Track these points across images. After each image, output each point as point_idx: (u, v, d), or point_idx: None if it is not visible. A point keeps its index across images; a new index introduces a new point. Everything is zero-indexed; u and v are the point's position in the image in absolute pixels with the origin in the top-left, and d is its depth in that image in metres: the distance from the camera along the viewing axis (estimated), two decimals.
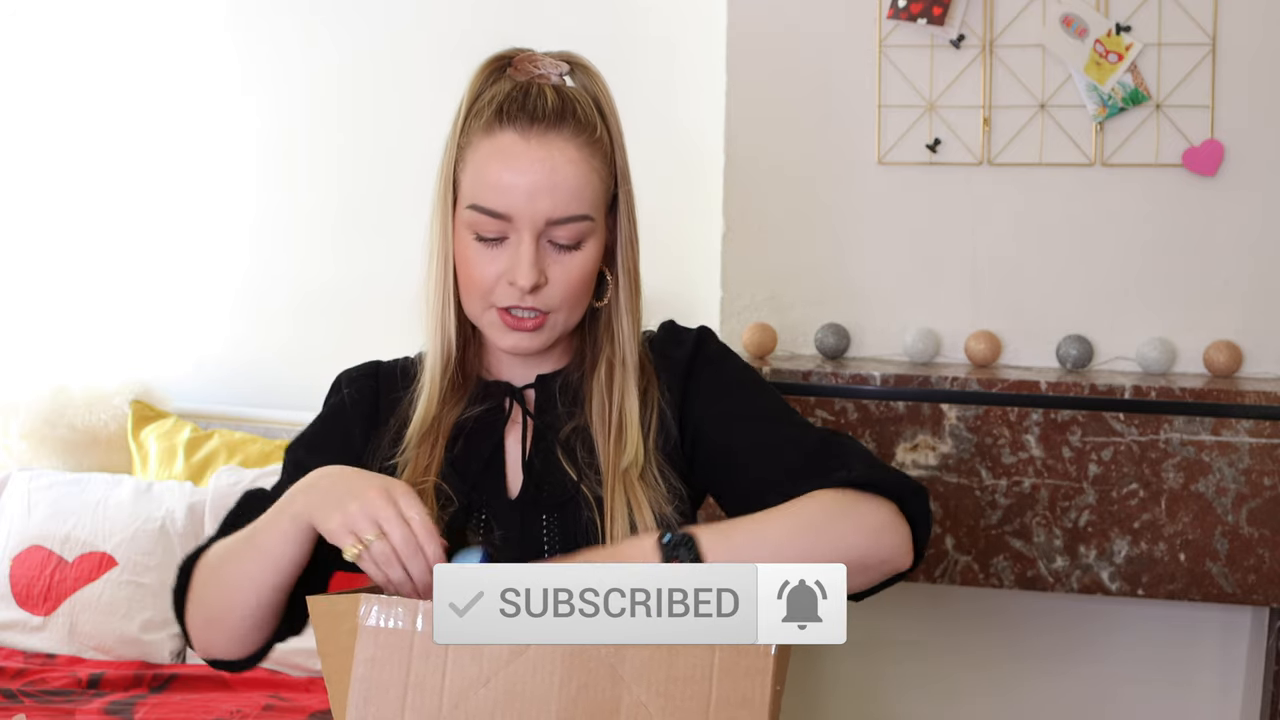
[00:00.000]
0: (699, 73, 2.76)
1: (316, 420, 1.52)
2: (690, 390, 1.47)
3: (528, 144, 1.36)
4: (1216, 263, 2.51)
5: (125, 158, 3.20)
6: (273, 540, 1.30)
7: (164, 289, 3.20)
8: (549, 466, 1.43)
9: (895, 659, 2.82)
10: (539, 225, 1.36)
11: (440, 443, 1.44)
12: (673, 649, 1.16)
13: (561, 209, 1.35)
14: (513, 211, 1.36)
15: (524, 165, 1.35)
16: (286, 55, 3.09)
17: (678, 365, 1.48)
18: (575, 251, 1.38)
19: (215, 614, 1.36)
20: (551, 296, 1.38)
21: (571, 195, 1.36)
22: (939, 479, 2.41)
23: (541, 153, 1.35)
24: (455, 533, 1.40)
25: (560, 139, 1.36)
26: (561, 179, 1.35)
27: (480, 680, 1.14)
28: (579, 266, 1.39)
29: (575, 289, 1.40)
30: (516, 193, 1.35)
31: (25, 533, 2.77)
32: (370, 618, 1.15)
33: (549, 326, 1.40)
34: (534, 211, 1.35)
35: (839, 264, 2.65)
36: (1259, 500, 2.31)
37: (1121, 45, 2.49)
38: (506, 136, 1.36)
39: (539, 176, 1.35)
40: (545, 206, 1.35)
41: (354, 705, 1.14)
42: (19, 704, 2.43)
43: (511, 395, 1.48)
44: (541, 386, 1.48)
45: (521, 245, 1.36)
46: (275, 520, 1.30)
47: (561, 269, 1.38)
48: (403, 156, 3.03)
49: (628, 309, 1.45)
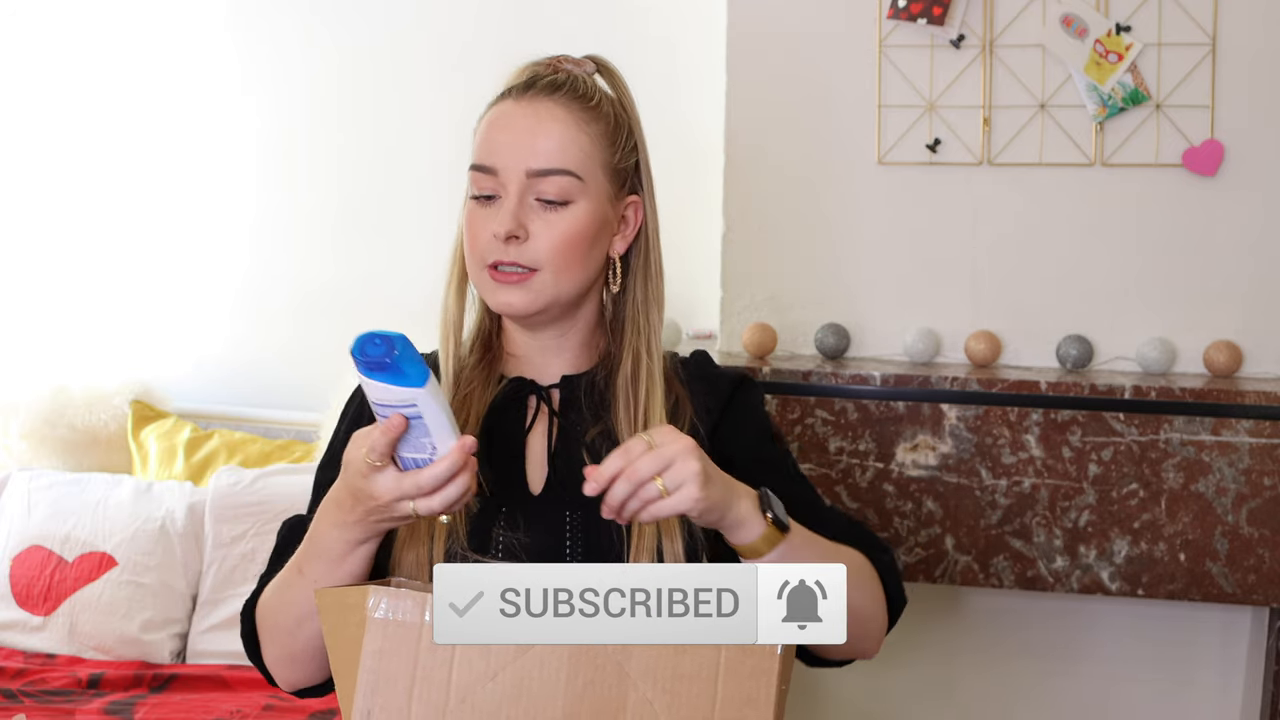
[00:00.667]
0: (699, 73, 2.77)
1: (336, 435, 1.52)
2: (729, 420, 1.50)
3: (518, 105, 1.43)
4: (1216, 263, 2.52)
5: (125, 158, 3.19)
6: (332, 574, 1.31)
7: (164, 289, 3.20)
8: (572, 465, 1.43)
9: (895, 659, 2.82)
10: (521, 177, 1.40)
11: (469, 429, 1.44)
12: (680, 647, 1.16)
13: (542, 160, 1.40)
14: (498, 164, 1.41)
15: (511, 122, 1.42)
16: (286, 55, 3.10)
17: (718, 389, 1.51)
18: (561, 209, 1.41)
19: (288, 649, 1.38)
20: (536, 251, 1.40)
21: (554, 149, 1.40)
22: (939, 479, 2.42)
23: (528, 110, 1.42)
24: (481, 527, 1.40)
25: (550, 101, 1.42)
26: (544, 132, 1.41)
27: (487, 675, 1.14)
28: (565, 225, 1.41)
29: (561, 247, 1.41)
30: (501, 146, 1.41)
31: (25, 533, 2.77)
32: (379, 610, 1.15)
33: (535, 286, 1.41)
34: (516, 162, 1.40)
35: (839, 264, 2.65)
36: (1259, 500, 2.31)
37: (1121, 45, 2.49)
38: (504, 104, 1.44)
39: (522, 131, 1.41)
40: (525, 156, 1.40)
41: (361, 697, 1.14)
42: (19, 704, 2.42)
43: (537, 394, 1.49)
44: (567, 386, 1.49)
45: (506, 199, 1.40)
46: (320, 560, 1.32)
47: (545, 224, 1.40)
48: (403, 156, 3.03)
49: (654, 299, 1.48)
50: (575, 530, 1.42)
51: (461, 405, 1.46)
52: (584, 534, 1.42)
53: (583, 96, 1.44)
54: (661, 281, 1.50)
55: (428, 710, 1.14)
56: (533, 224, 1.40)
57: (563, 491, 1.43)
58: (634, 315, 1.47)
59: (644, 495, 1.22)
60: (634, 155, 1.48)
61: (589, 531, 1.41)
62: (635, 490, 1.22)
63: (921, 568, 2.44)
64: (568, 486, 1.42)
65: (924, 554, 2.44)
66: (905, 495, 2.43)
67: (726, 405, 1.51)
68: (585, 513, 1.41)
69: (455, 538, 1.39)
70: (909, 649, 2.80)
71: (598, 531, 1.41)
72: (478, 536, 1.40)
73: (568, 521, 1.43)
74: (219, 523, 2.74)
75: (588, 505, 1.39)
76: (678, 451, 1.23)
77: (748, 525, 1.29)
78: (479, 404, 1.47)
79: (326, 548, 1.30)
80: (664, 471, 1.22)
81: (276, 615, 1.39)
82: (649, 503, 1.22)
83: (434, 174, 2.99)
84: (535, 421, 1.48)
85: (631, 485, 1.22)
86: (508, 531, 1.41)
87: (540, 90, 1.43)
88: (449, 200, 1.59)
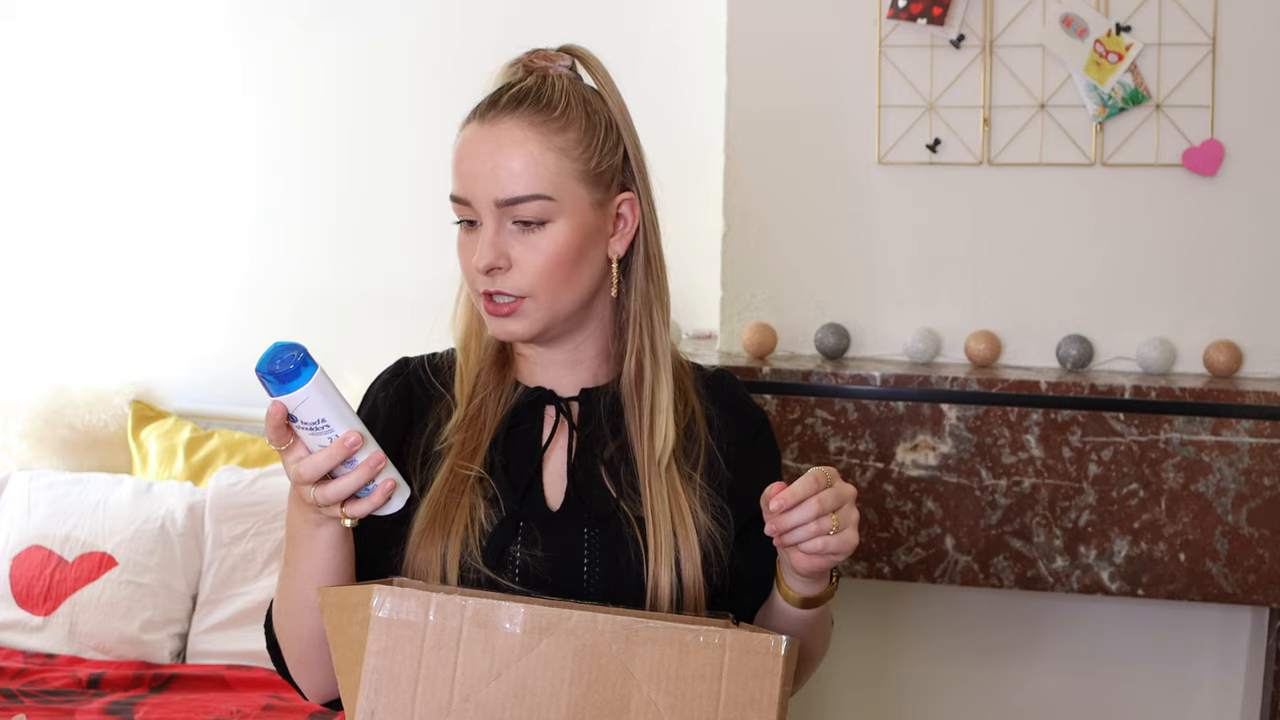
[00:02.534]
0: (699, 73, 2.77)
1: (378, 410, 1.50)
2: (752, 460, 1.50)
3: (480, 130, 1.39)
4: (1216, 263, 2.52)
5: (125, 157, 3.19)
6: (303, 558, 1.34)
7: (164, 289, 3.20)
8: (591, 481, 1.42)
9: (896, 659, 2.82)
10: (492, 207, 1.37)
11: (486, 434, 1.43)
12: (683, 648, 1.16)
13: (507, 190, 1.36)
14: (468, 195, 1.38)
15: (473, 150, 1.39)
16: (286, 55, 3.10)
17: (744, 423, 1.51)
18: (539, 230, 1.37)
19: (295, 650, 1.40)
20: (519, 279, 1.37)
21: (516, 176, 1.36)
22: (939, 479, 2.42)
23: (489, 136, 1.38)
24: (499, 544, 1.38)
25: (511, 121, 1.38)
26: (504, 160, 1.36)
27: (491, 674, 1.14)
28: (545, 246, 1.37)
29: (545, 269, 1.37)
30: (468, 177, 1.38)
31: (25, 533, 2.77)
32: (383, 609, 1.15)
33: (526, 312, 1.39)
34: (484, 193, 1.37)
35: (839, 264, 2.65)
36: (1259, 500, 2.31)
37: (1121, 45, 2.49)
38: (469, 129, 1.40)
39: (483, 161, 1.37)
40: (491, 188, 1.37)
41: (365, 696, 1.14)
42: (19, 704, 2.42)
43: (556, 406, 1.46)
44: (586, 400, 1.46)
45: (484, 229, 1.38)
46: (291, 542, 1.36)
47: (526, 249, 1.37)
48: (402, 157, 3.03)
49: (655, 294, 1.46)
50: (594, 548, 1.40)
51: (478, 411, 1.45)
52: (602, 552, 1.40)
53: (546, 106, 1.39)
54: (664, 276, 1.47)
55: (431, 709, 1.14)
56: (513, 250, 1.37)
57: (582, 508, 1.41)
58: (636, 314, 1.45)
59: (822, 527, 1.26)
60: (618, 151, 1.42)
61: (607, 550, 1.39)
62: (816, 518, 1.26)
63: (921, 568, 2.44)
64: (586, 502, 1.41)
65: (924, 554, 2.44)
66: (905, 495, 2.43)
67: (752, 443, 1.50)
68: (603, 529, 1.40)
69: (469, 552, 1.37)
70: (909, 649, 2.81)
71: (616, 549, 1.39)
72: (496, 553, 1.38)
73: (585, 540, 1.40)
74: (219, 523, 2.74)
75: (605, 522, 1.38)
76: (849, 495, 1.29)
77: (824, 577, 1.36)
78: (494, 410, 1.45)
79: (293, 529, 1.34)
80: (838, 510, 1.28)
81: (280, 616, 1.40)
82: (820, 534, 1.27)
83: (433, 174, 2.95)
84: (555, 435, 1.46)
85: (817, 511, 1.26)
86: (524, 549, 1.38)
87: (502, 110, 1.38)
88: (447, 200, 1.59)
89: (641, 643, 1.15)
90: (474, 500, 1.39)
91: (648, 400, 1.43)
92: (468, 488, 1.39)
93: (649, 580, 1.37)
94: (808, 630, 1.41)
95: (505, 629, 1.14)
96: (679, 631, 1.16)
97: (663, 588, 1.37)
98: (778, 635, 1.17)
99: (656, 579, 1.37)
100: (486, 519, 1.38)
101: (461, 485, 1.39)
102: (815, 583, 1.35)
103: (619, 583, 1.38)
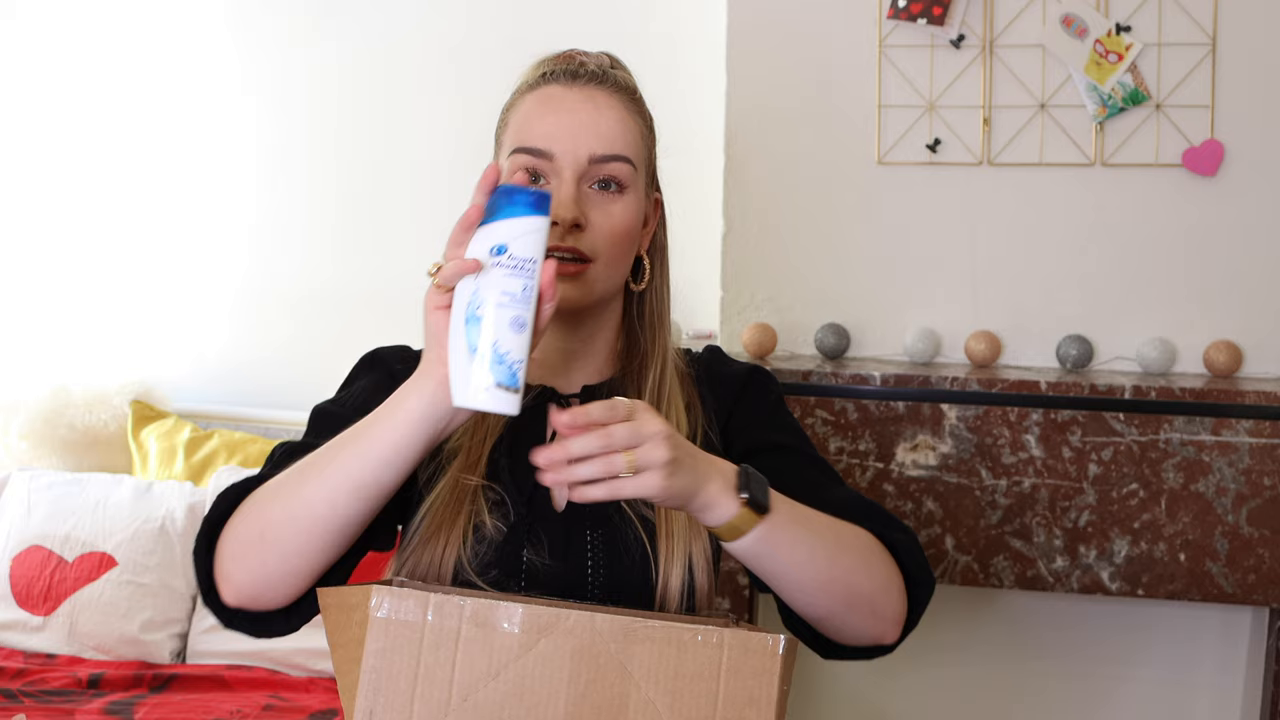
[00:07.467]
0: (699, 72, 2.77)
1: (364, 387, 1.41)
2: (739, 412, 1.46)
3: (570, 90, 1.38)
4: (1216, 263, 2.52)
5: (125, 158, 3.20)
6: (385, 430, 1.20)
7: (164, 289, 3.20)
8: None
9: (895, 658, 2.81)
10: (581, 163, 1.35)
11: (490, 437, 1.40)
12: (682, 647, 1.16)
13: (605, 145, 1.35)
14: (556, 148, 1.35)
15: (569, 105, 1.37)
16: (286, 55, 3.10)
17: (729, 386, 1.47)
18: (618, 196, 1.36)
19: (268, 530, 1.22)
20: (594, 241, 1.35)
21: (615, 135, 1.36)
22: (939, 479, 2.42)
23: (584, 95, 1.37)
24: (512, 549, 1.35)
25: (603, 91, 1.39)
26: (605, 119, 1.36)
27: (490, 673, 1.14)
28: (621, 213, 1.36)
29: (617, 237, 1.36)
30: (560, 129, 1.36)
31: (25, 533, 2.77)
32: (381, 609, 1.15)
33: (590, 277, 1.36)
34: (576, 147, 1.35)
35: (839, 264, 2.66)
36: (1259, 500, 2.31)
37: (1121, 45, 2.49)
38: (551, 88, 1.39)
39: (583, 115, 1.36)
40: (589, 141, 1.35)
41: (363, 696, 1.14)
42: (19, 704, 2.42)
43: (559, 404, 1.43)
44: (588, 398, 1.43)
45: (563, 185, 1.34)
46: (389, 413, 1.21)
47: (603, 214, 1.35)
48: (402, 156, 3.04)
49: (669, 297, 1.46)
50: (597, 551, 1.38)
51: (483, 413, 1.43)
52: (605, 555, 1.37)
53: (627, 89, 1.41)
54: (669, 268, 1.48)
55: (430, 709, 1.14)
56: (591, 212, 1.35)
57: (584, 509, 1.37)
58: (660, 313, 1.44)
59: (611, 465, 1.13)
60: (655, 150, 1.45)
61: (610, 552, 1.37)
62: (603, 453, 1.13)
63: None
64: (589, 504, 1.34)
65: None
66: (905, 495, 2.43)
67: (737, 399, 1.47)
68: (606, 531, 1.38)
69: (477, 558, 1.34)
70: (909, 649, 2.80)
71: (620, 550, 1.37)
72: (509, 559, 1.35)
73: (589, 540, 1.38)
74: None
75: (609, 522, 1.37)
76: (653, 433, 1.14)
77: (716, 507, 1.20)
78: None
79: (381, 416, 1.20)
80: (635, 447, 1.13)
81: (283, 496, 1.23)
82: (610, 477, 1.14)
83: (433, 174, 2.99)
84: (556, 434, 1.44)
85: (602, 445, 1.12)
86: (533, 554, 1.36)
87: (589, 80, 1.38)
88: (448, 200, 1.58)
89: (639, 642, 1.15)
90: (478, 506, 1.36)
91: (650, 397, 1.41)
92: (470, 495, 1.37)
93: (658, 581, 1.35)
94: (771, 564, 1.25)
95: (503, 629, 1.14)
96: (677, 631, 1.16)
97: (673, 588, 1.35)
98: (776, 634, 1.17)
99: (667, 580, 1.35)
100: (493, 524, 1.36)
101: (465, 492, 1.37)
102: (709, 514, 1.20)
103: (624, 585, 1.36)
